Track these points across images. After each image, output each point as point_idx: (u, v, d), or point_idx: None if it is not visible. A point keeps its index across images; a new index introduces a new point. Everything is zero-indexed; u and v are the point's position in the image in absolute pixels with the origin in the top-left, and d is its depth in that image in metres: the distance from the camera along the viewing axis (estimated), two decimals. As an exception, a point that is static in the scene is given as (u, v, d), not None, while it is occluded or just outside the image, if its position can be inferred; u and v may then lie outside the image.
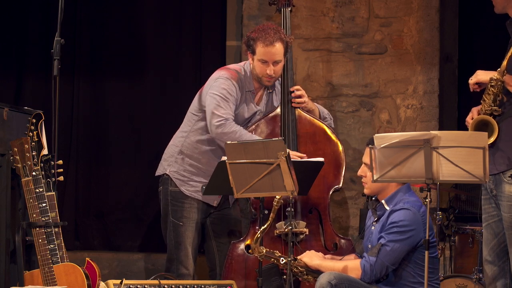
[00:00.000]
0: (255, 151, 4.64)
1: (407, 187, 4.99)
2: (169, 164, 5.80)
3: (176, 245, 5.76)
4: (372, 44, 6.79)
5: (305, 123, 5.79)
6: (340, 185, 5.75)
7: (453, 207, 6.42)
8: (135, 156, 7.27)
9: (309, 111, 5.81)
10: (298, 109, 5.77)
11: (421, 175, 4.40)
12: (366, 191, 5.04)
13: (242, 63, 5.82)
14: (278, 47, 5.59)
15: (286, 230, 5.48)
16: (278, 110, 5.77)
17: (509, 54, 4.52)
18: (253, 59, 5.66)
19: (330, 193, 5.72)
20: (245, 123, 5.77)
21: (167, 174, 5.79)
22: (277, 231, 5.56)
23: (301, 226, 5.63)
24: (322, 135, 5.79)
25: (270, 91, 5.85)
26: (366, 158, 4.98)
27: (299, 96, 5.76)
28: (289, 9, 5.86)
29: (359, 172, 5.05)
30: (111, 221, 7.30)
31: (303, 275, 5.02)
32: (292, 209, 5.33)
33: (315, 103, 5.93)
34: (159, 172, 5.86)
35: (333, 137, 5.81)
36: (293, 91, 5.75)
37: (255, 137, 5.61)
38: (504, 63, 4.53)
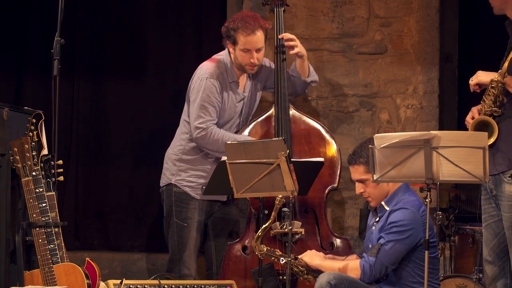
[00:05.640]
0: (255, 151, 4.64)
1: (406, 186, 4.99)
2: (173, 173, 5.79)
3: (180, 246, 5.75)
4: (372, 44, 6.78)
5: (299, 122, 5.79)
6: (336, 184, 5.74)
7: (453, 207, 6.42)
8: (135, 156, 7.27)
9: (301, 57, 5.79)
10: (292, 109, 5.77)
11: (421, 175, 4.40)
12: (372, 204, 5.03)
13: (222, 54, 5.81)
14: (259, 35, 5.62)
15: (285, 230, 5.47)
16: (272, 110, 5.77)
17: (510, 55, 4.52)
18: (234, 49, 5.68)
19: (326, 192, 5.71)
20: (238, 113, 5.77)
21: (172, 183, 5.78)
22: (273, 232, 5.56)
23: (296, 226, 5.63)
24: (316, 134, 5.79)
25: (255, 75, 5.83)
26: (354, 175, 4.99)
27: (291, 41, 5.75)
28: (283, 9, 5.86)
29: (357, 192, 5.03)
30: (111, 221, 7.30)
31: (303, 275, 5.03)
32: (288, 210, 5.36)
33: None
34: (163, 182, 5.84)
35: (327, 136, 5.80)
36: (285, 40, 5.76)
37: (239, 137, 5.60)
38: (506, 64, 4.53)
